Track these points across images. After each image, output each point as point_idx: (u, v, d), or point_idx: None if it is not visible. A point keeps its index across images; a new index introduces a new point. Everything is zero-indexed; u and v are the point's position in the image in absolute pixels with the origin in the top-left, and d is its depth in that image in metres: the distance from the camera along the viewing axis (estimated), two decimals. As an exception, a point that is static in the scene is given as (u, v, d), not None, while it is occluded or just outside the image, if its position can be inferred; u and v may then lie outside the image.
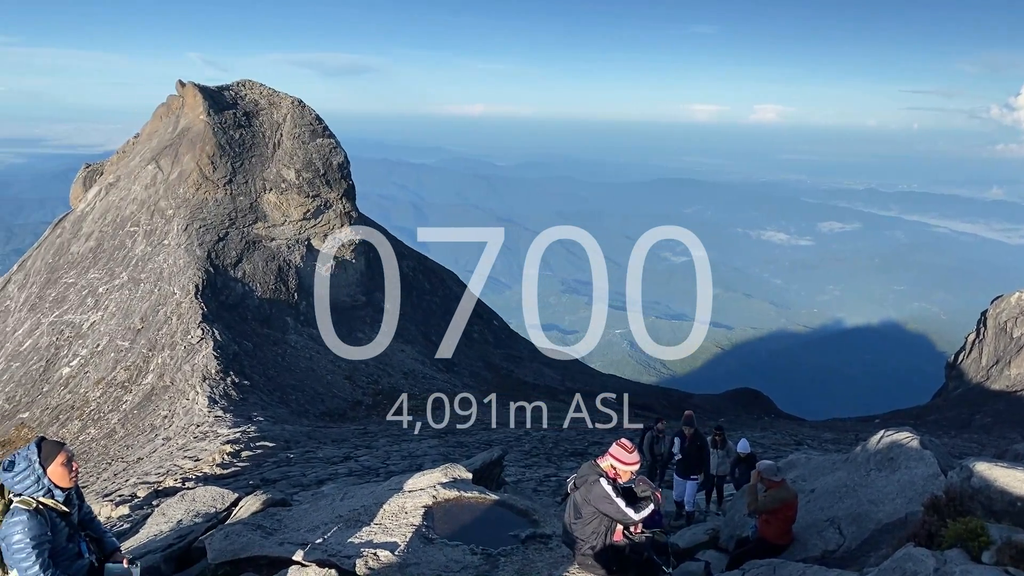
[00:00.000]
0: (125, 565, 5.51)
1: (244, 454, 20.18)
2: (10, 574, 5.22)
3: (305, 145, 42.49)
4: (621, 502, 6.46)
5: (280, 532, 6.98)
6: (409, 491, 7.51)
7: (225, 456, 19.60)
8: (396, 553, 6.40)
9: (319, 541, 6.64)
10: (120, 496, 16.58)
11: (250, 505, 7.99)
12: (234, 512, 8.09)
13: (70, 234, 43.25)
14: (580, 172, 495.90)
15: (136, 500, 15.64)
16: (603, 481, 6.53)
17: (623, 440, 6.79)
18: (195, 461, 19.75)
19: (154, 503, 14.18)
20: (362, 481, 15.06)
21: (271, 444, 21.54)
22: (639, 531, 6.75)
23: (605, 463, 6.68)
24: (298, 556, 6.36)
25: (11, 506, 5.17)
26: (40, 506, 5.18)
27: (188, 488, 14.80)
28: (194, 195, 39.58)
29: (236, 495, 8.70)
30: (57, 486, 5.23)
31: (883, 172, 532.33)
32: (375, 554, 6.35)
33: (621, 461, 6.60)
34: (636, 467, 6.73)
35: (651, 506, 6.67)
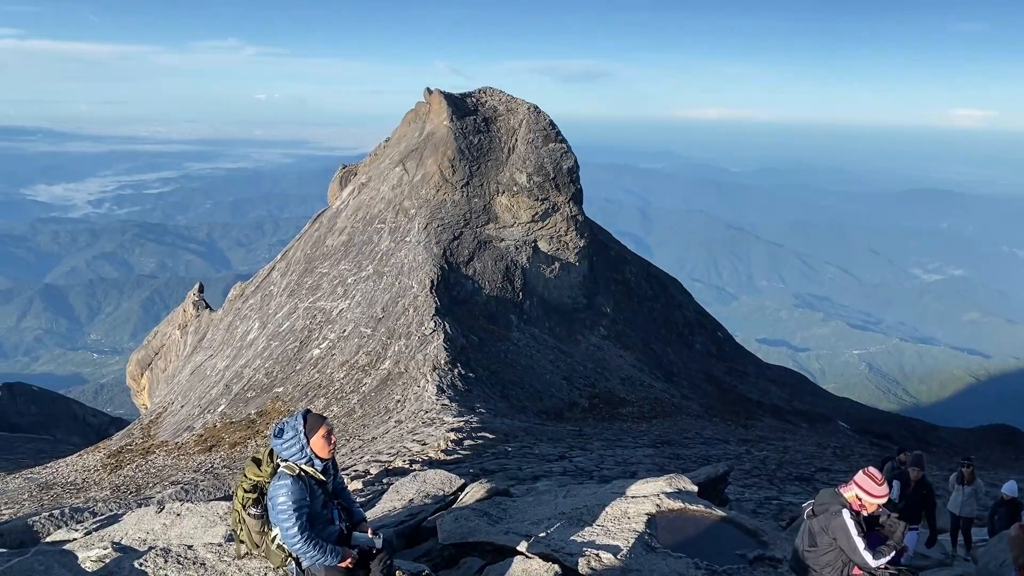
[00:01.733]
0: (370, 535, 5.88)
1: (466, 443, 20.95)
2: (273, 531, 5.76)
3: (538, 150, 43.60)
4: (860, 542, 5.92)
5: (505, 521, 7.13)
6: (632, 497, 7.38)
7: (449, 443, 20.42)
8: (618, 557, 6.29)
9: (543, 535, 6.69)
10: (355, 471, 17.83)
11: (475, 492, 8.25)
12: (460, 497, 8.39)
13: (326, 228, 47.43)
14: (821, 180, 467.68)
15: (368, 476, 16.70)
16: (846, 513, 6.01)
17: (871, 469, 6.19)
18: (422, 445, 20.76)
19: (384, 481, 15.04)
20: (575, 482, 15.11)
21: (491, 436, 22.20)
22: (881, 568, 6.15)
23: (849, 493, 6.14)
24: (522, 547, 6.45)
25: (278, 470, 5.72)
26: (302, 472, 5.67)
27: (416, 470, 15.61)
28: (434, 196, 41.97)
29: (463, 481, 9.02)
30: (317, 456, 5.70)
31: None
32: (597, 555, 6.29)
33: (869, 493, 6.03)
34: (884, 500, 6.14)
35: (892, 553, 6.07)
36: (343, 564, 5.63)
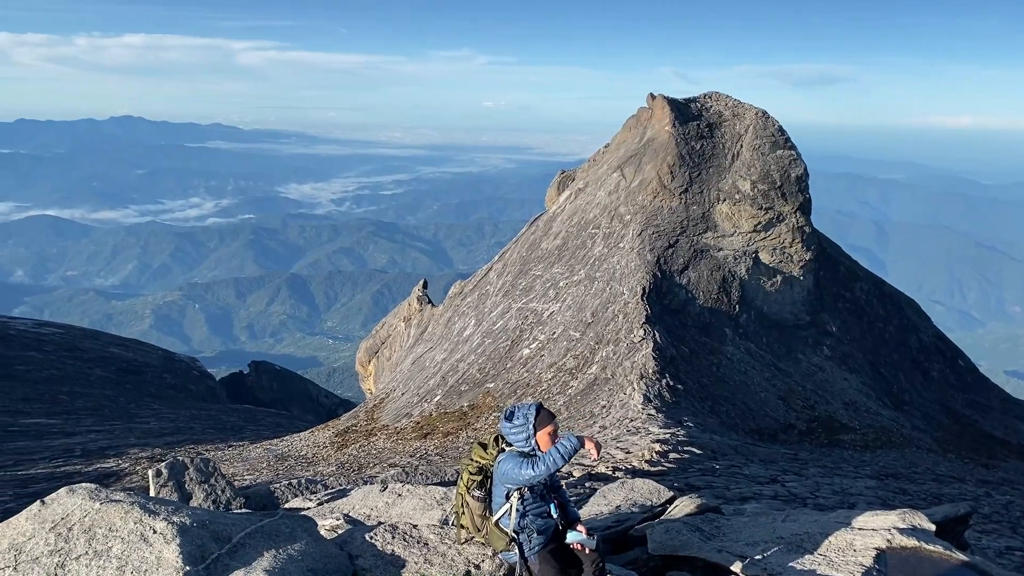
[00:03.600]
0: (585, 535, 5.91)
1: (671, 456, 20.49)
2: (493, 517, 5.95)
3: (764, 156, 41.84)
4: None
5: (718, 539, 6.87)
6: (859, 528, 6.81)
7: (654, 454, 20.09)
8: (841, 591, 5.84)
9: (758, 557, 6.37)
10: (558, 473, 18.00)
11: (684, 506, 8.03)
12: (669, 510, 8.20)
13: (542, 232, 48.50)
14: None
15: (572, 479, 16.82)
16: None
17: None
18: (626, 453, 20.59)
19: (587, 485, 15.08)
20: (786, 507, 14.29)
21: (698, 451, 21.56)
22: None
23: None
24: (736, 567, 6.18)
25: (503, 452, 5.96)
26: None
27: (620, 477, 15.50)
28: (651, 202, 41.55)
29: (671, 493, 8.82)
30: (539, 449, 5.84)
31: None
32: (818, 586, 5.89)
33: None
34: None
35: None
36: (588, 445, 5.69)
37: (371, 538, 6.48)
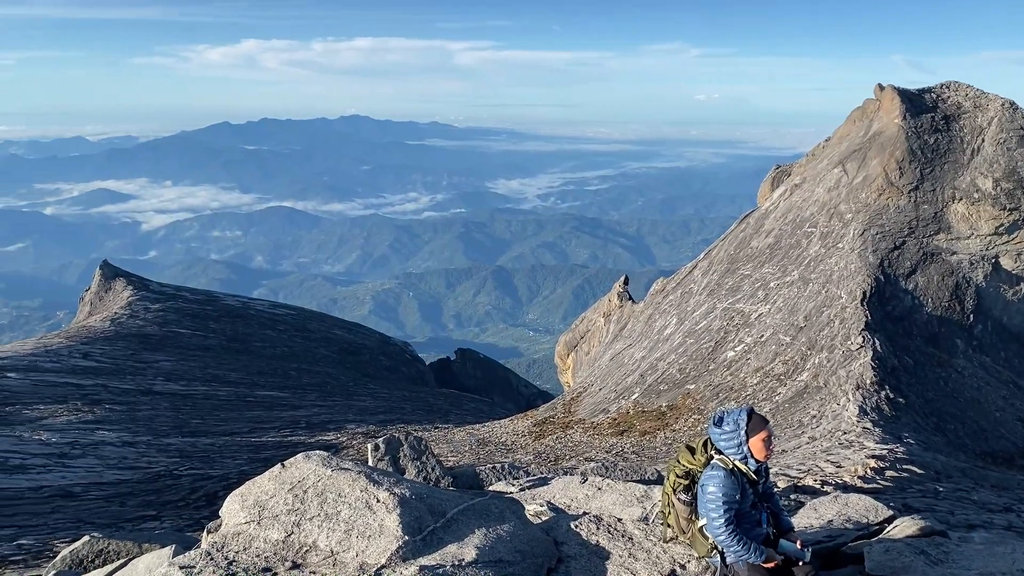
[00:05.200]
0: (798, 546, 5.70)
1: (888, 473, 19.09)
2: (698, 522, 5.90)
3: (1010, 152, 37.68)
4: None
5: (946, 565, 6.34)
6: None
7: (868, 470, 18.83)
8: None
9: (994, 592, 5.83)
10: (770, 481, 17.30)
11: (905, 527, 7.47)
12: (887, 529, 7.68)
13: (752, 230, 46.69)
14: None
15: (776, 490, 16.15)
16: None
17: None
18: (836, 467, 19.46)
19: (791, 497, 14.44)
20: (1022, 538, 12.84)
21: (919, 471, 19.90)
22: None
23: None
24: (969, 600, 5.70)
25: (712, 461, 5.84)
26: (735, 468, 5.71)
27: (828, 491, 14.69)
28: (875, 200, 38.77)
29: (891, 512, 8.25)
30: (752, 456, 5.69)
31: None
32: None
33: None
34: None
35: None
36: (767, 565, 5.54)
37: (576, 527, 6.61)
